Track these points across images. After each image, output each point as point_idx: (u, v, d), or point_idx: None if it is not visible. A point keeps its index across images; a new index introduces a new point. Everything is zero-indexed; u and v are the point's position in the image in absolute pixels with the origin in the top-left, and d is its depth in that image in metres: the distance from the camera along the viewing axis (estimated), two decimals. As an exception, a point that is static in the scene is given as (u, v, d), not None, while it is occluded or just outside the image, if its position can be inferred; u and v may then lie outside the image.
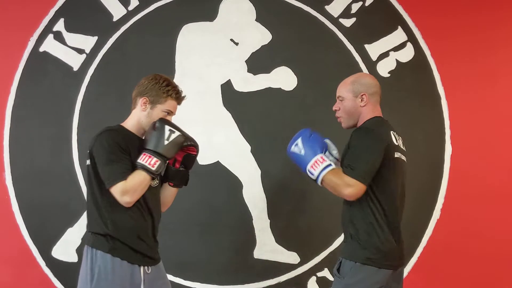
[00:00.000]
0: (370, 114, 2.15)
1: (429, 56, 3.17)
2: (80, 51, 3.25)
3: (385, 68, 3.18)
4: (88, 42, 3.25)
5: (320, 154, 2.05)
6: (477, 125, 3.12)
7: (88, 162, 2.06)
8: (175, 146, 2.06)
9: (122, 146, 2.01)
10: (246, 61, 3.20)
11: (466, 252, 3.04)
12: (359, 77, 2.22)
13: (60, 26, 3.26)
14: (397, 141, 2.12)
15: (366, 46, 3.19)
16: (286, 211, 3.12)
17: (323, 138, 2.15)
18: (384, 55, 3.18)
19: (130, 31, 3.24)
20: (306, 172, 2.07)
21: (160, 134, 2.03)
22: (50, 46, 3.25)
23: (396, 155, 2.08)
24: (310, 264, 3.09)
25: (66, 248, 3.12)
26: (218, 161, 3.16)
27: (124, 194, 1.96)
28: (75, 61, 3.24)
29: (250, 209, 3.12)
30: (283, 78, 3.17)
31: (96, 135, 2.05)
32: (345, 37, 3.20)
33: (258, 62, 3.19)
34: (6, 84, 3.22)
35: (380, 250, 2.02)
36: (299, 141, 2.10)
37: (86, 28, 3.25)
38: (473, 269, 3.03)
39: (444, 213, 3.08)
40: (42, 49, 3.25)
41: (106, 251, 1.99)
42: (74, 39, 3.26)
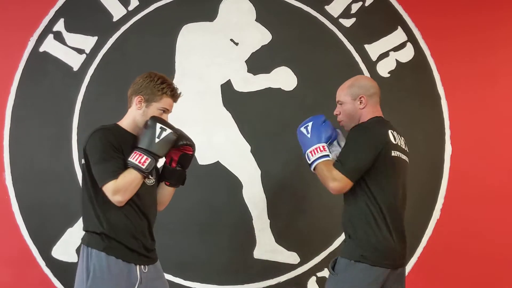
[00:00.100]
0: (370, 115, 2.17)
1: (429, 56, 3.18)
2: (80, 51, 3.25)
3: (385, 68, 3.18)
4: (88, 42, 3.25)
5: (322, 143, 2.12)
6: (477, 125, 3.12)
7: (82, 161, 2.05)
8: (167, 144, 2.04)
9: (114, 145, 2.00)
10: (246, 61, 3.20)
11: (466, 252, 3.04)
12: (357, 80, 2.24)
13: (60, 26, 3.26)
14: (396, 140, 2.13)
15: (366, 46, 3.19)
16: (286, 211, 3.12)
17: (335, 129, 2.21)
18: (384, 55, 3.19)
19: (130, 31, 3.24)
20: (304, 154, 2.15)
21: (151, 132, 2.01)
22: (50, 46, 3.25)
23: (393, 154, 2.08)
24: (310, 264, 3.09)
25: (66, 248, 3.12)
26: (218, 161, 3.16)
27: (115, 193, 1.95)
28: (75, 61, 3.24)
29: (250, 209, 3.12)
30: (283, 78, 3.17)
31: (89, 134, 2.05)
32: (345, 37, 3.20)
33: (258, 62, 3.19)
34: (6, 84, 3.22)
35: (377, 249, 2.03)
36: (310, 124, 2.18)
37: (86, 28, 3.25)
38: (473, 269, 3.03)
39: (444, 213, 3.08)
40: (42, 49, 3.25)
41: (101, 250, 1.99)
42: (74, 39, 3.26)
